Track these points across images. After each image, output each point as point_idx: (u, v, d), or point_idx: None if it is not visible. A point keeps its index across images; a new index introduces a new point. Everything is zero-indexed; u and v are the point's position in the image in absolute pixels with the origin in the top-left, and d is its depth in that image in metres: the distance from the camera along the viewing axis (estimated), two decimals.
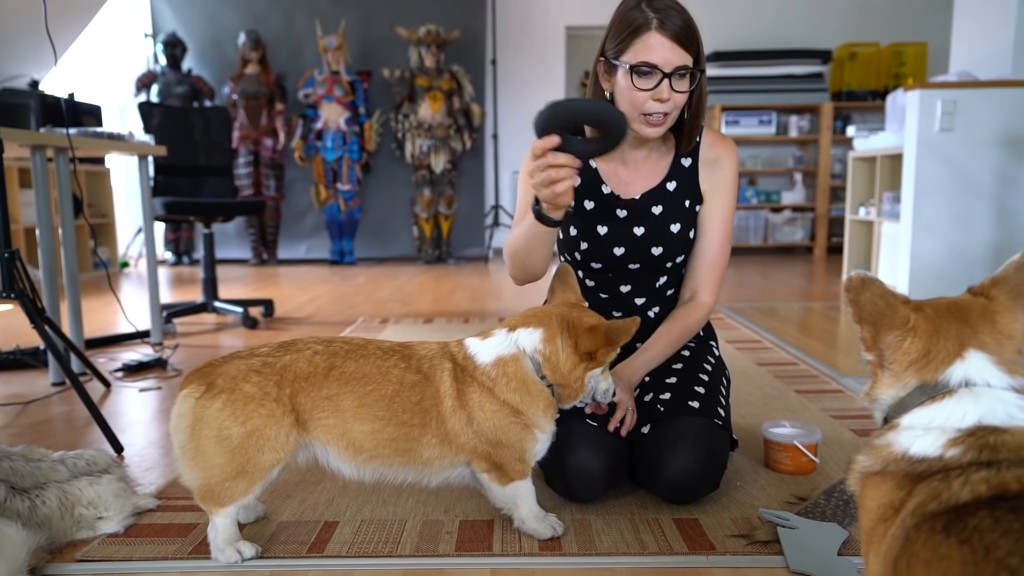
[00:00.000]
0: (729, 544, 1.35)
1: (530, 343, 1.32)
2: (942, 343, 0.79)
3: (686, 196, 1.60)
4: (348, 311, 4.09)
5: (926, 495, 0.71)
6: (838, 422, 2.05)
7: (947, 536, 0.66)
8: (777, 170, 6.90)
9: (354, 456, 1.30)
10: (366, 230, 6.71)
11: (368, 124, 6.44)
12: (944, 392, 0.78)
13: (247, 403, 1.24)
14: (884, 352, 0.82)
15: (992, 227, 4.03)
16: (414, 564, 1.31)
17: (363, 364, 1.30)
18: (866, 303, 0.80)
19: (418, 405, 1.29)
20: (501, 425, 1.30)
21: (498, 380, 1.31)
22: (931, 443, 0.75)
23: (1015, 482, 0.67)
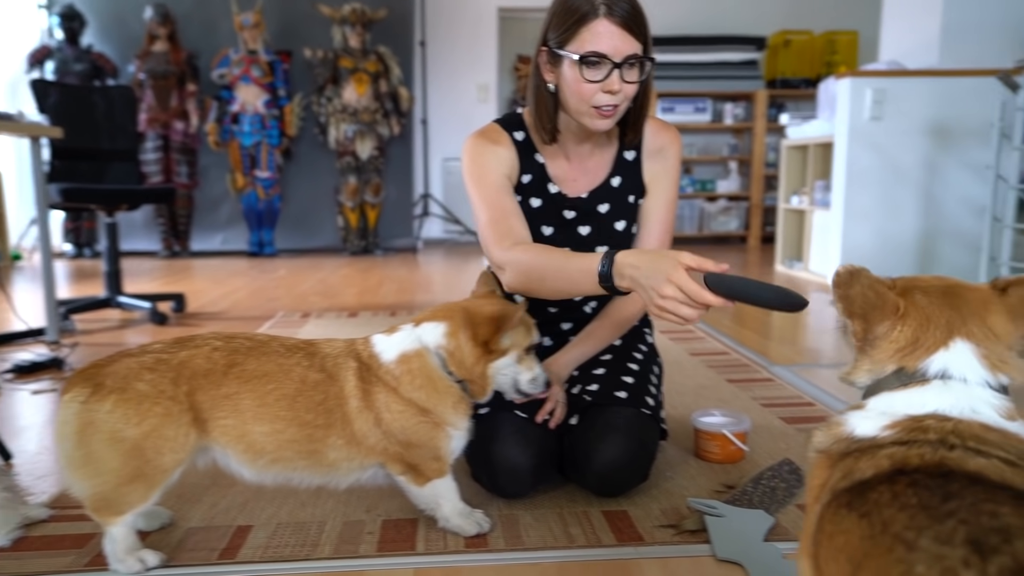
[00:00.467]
0: (657, 535, 1.34)
1: (433, 338, 1.29)
2: (931, 331, 0.77)
3: (630, 191, 1.55)
4: (267, 305, 3.91)
5: (841, 471, 0.72)
6: (768, 410, 2.04)
7: (849, 511, 0.66)
8: (712, 158, 6.89)
9: (254, 459, 1.25)
10: (287, 220, 6.38)
11: (288, 107, 6.11)
12: (919, 380, 0.76)
13: (141, 402, 1.17)
14: (873, 343, 0.80)
15: (919, 215, 4.07)
16: (333, 567, 1.26)
17: (264, 362, 1.25)
18: (857, 297, 0.79)
19: (321, 405, 1.25)
20: (409, 425, 1.27)
21: (402, 378, 1.27)
22: (873, 425, 0.74)
23: (916, 458, 0.67)
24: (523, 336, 1.32)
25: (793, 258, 4.97)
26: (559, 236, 1.53)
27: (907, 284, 0.80)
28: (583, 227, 1.55)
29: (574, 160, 1.54)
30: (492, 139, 1.51)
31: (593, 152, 1.54)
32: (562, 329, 1.65)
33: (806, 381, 2.32)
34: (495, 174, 1.48)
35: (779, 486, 1.48)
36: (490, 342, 1.28)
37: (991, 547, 0.55)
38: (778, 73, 6.85)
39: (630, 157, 1.55)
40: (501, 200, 1.46)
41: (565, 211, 1.54)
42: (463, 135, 6.86)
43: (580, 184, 1.54)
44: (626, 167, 1.55)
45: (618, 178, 1.55)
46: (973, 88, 3.91)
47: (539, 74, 1.45)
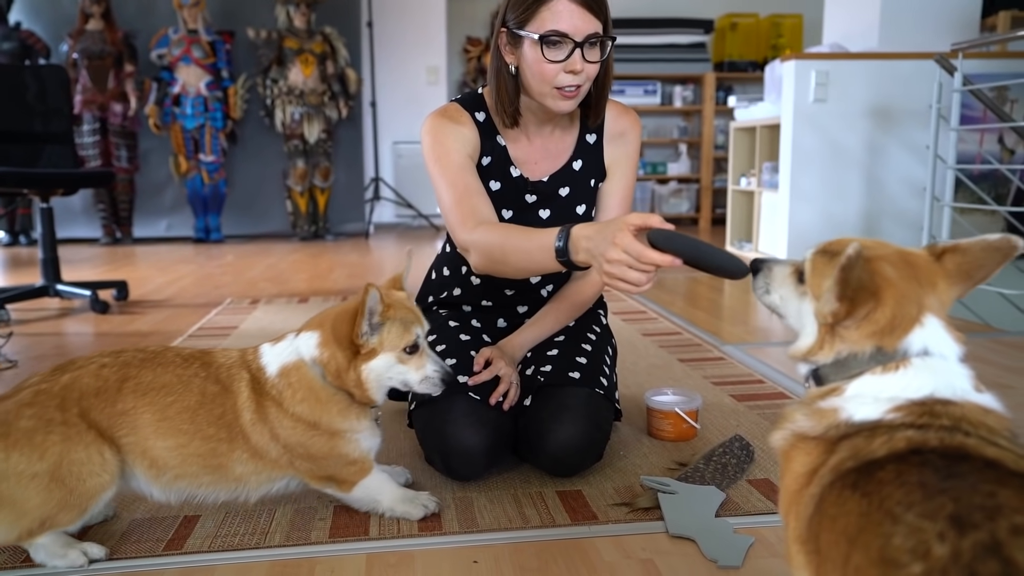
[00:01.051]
0: (611, 513, 1.34)
1: (308, 349, 1.26)
2: (905, 307, 0.74)
3: (591, 175, 1.55)
4: (214, 292, 3.82)
5: (847, 452, 0.69)
6: (719, 388, 2.07)
7: (854, 491, 0.64)
8: (663, 141, 6.95)
9: (158, 476, 1.21)
10: (234, 205, 6.23)
11: (232, 89, 5.94)
12: (900, 361, 0.74)
13: (32, 436, 1.13)
14: (848, 323, 0.76)
15: (862, 195, 4.17)
16: (284, 554, 1.23)
17: (161, 373, 1.21)
18: (855, 281, 0.74)
19: (221, 419, 1.22)
20: (304, 439, 1.24)
21: (284, 392, 1.24)
22: (874, 409, 0.71)
23: (936, 440, 0.65)
24: (396, 335, 1.23)
25: (743, 239, 5.05)
26: (519, 219, 1.51)
27: (870, 254, 0.76)
28: (543, 210, 1.53)
29: (536, 142, 1.52)
30: (453, 118, 1.48)
31: (555, 134, 1.52)
32: (518, 312, 1.64)
33: (756, 359, 2.36)
34: (457, 153, 1.44)
35: (730, 462, 1.50)
36: (354, 341, 1.22)
37: (972, 523, 0.54)
38: (725, 56, 6.92)
39: (591, 140, 1.54)
40: (464, 179, 1.43)
41: (527, 195, 1.52)
42: (413, 118, 6.78)
43: (541, 167, 1.53)
44: (588, 150, 1.54)
45: (580, 161, 1.54)
46: (912, 71, 4.01)
47: (499, 56, 1.42)
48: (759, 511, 1.34)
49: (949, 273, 0.76)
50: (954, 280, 0.77)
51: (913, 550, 0.54)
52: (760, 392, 2.03)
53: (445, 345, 1.53)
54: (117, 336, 2.86)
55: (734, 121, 5.09)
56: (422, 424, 1.48)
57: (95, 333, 2.94)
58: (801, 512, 0.71)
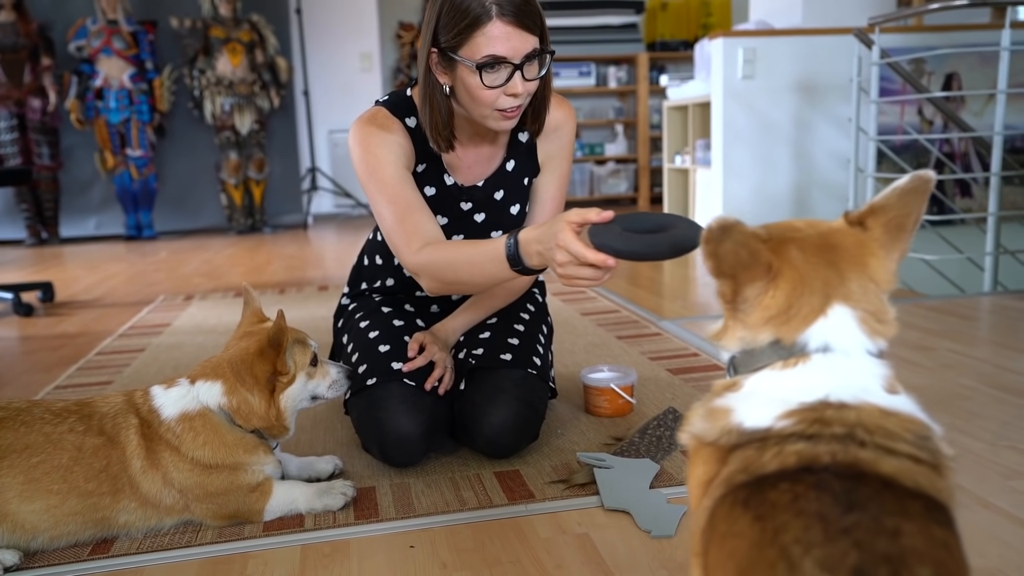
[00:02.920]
0: (548, 491, 1.35)
1: (212, 398, 1.24)
2: (806, 296, 0.68)
3: (525, 174, 1.54)
4: (146, 290, 3.73)
5: (737, 464, 0.64)
6: (655, 363, 2.10)
7: (745, 510, 0.59)
8: (599, 122, 6.99)
9: (28, 538, 1.16)
10: (166, 200, 6.05)
11: (158, 81, 5.75)
12: (799, 355, 0.68)
13: None
14: (741, 306, 0.71)
15: (791, 169, 4.28)
16: (215, 551, 1.21)
17: (25, 433, 1.16)
18: (727, 255, 0.68)
19: (104, 472, 1.17)
20: (204, 481, 1.22)
21: (183, 436, 1.21)
22: (765, 415, 0.66)
23: (827, 455, 0.59)
24: (301, 354, 1.28)
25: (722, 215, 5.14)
26: (454, 225, 1.50)
27: (782, 235, 0.71)
28: (478, 214, 1.53)
29: (468, 148, 1.49)
30: (383, 126, 1.41)
31: (488, 135, 1.49)
32: (451, 298, 1.63)
33: (691, 333, 2.40)
34: (392, 165, 1.38)
35: (664, 434, 1.53)
36: (275, 374, 1.24)
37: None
38: (657, 36, 6.99)
39: (524, 138, 1.52)
40: (404, 195, 1.37)
41: (462, 202, 1.51)
42: (348, 106, 6.67)
43: (475, 172, 1.51)
44: (520, 149, 1.52)
45: (512, 162, 1.52)
46: (834, 46, 4.12)
47: (430, 76, 1.34)
48: None
49: (879, 238, 0.70)
50: (889, 241, 0.70)
51: None
52: (695, 365, 2.07)
53: (378, 331, 1.52)
54: (43, 339, 2.76)
55: (667, 100, 5.15)
56: (358, 413, 1.47)
57: (20, 337, 2.83)
58: (696, 523, 0.68)
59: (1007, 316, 2.52)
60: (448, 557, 1.15)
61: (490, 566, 1.12)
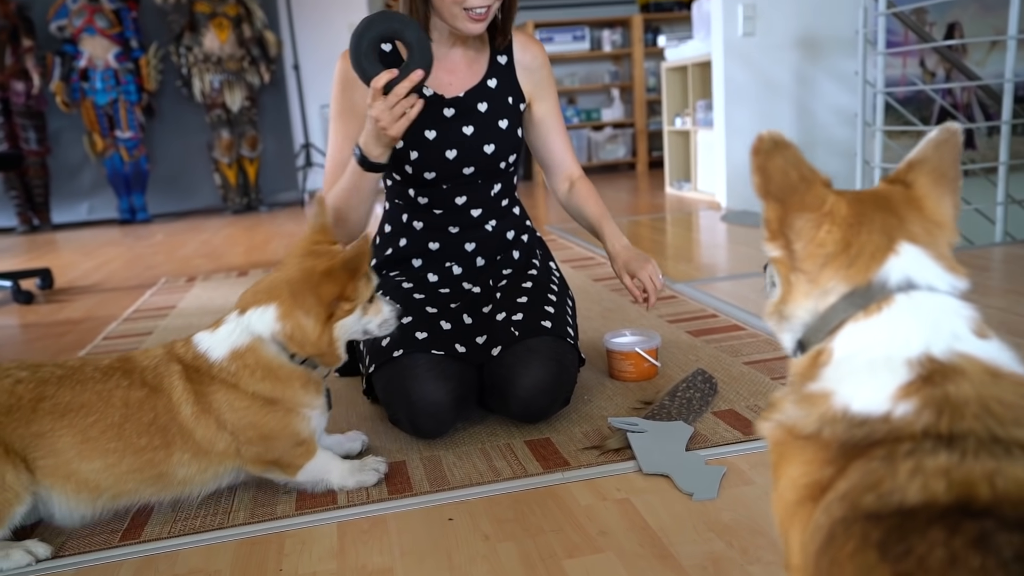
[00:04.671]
0: (582, 457, 1.33)
1: (264, 325, 1.19)
2: (866, 234, 0.61)
3: (508, 93, 1.58)
4: (146, 273, 3.67)
5: (861, 480, 0.53)
6: (674, 326, 2.08)
7: (882, 557, 0.48)
8: (595, 87, 6.89)
9: (93, 499, 1.15)
10: (159, 182, 5.96)
11: (144, 59, 5.63)
12: (881, 299, 0.59)
13: None
14: (794, 243, 0.63)
15: (794, 126, 4.22)
16: (250, 532, 1.18)
17: (80, 392, 1.14)
18: (775, 172, 0.62)
19: (153, 424, 1.15)
20: (259, 419, 1.19)
21: (240, 374, 1.18)
22: (876, 394, 0.56)
23: (985, 483, 0.48)
24: (365, 285, 1.23)
25: (682, 179, 5.08)
26: (442, 137, 1.51)
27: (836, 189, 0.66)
28: (466, 127, 1.53)
29: (446, 64, 1.54)
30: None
31: (466, 54, 1.55)
32: (467, 251, 1.60)
33: (706, 294, 2.37)
34: (352, 116, 1.52)
35: (694, 396, 1.51)
36: (346, 291, 1.19)
37: None
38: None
39: (503, 61, 1.58)
40: (345, 150, 1.51)
41: (444, 109, 1.52)
42: None
43: (455, 86, 1.54)
44: (501, 70, 1.58)
45: (494, 80, 1.56)
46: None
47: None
48: (727, 441, 1.35)
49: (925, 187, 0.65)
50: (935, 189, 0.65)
51: None
52: (715, 326, 2.04)
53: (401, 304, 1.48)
54: (46, 326, 2.72)
55: (665, 61, 5.07)
56: (384, 384, 1.44)
57: (21, 325, 2.78)
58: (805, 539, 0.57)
59: (1021, 265, 2.49)
60: (489, 528, 1.13)
61: (533, 536, 1.10)
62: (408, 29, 1.30)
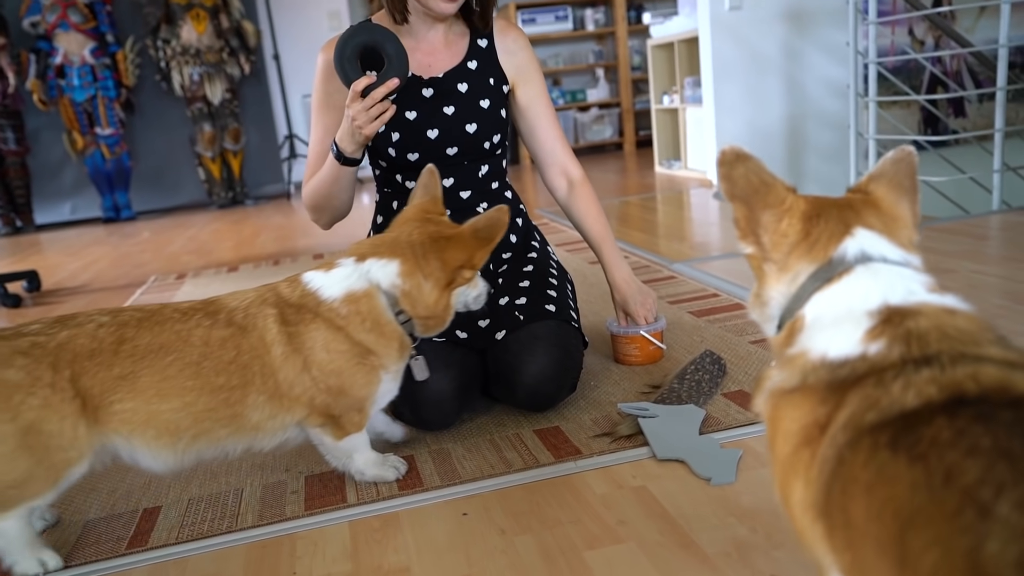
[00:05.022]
0: (594, 445, 1.31)
1: (386, 277, 1.18)
2: (823, 223, 0.70)
3: (489, 74, 1.56)
4: (135, 272, 3.62)
5: (860, 404, 0.58)
6: (677, 307, 2.06)
7: (894, 452, 0.52)
8: (579, 67, 6.84)
9: (173, 441, 1.12)
10: (142, 178, 5.88)
11: (121, 54, 5.53)
12: (841, 270, 0.67)
13: (12, 393, 1.03)
14: (761, 237, 0.72)
15: (783, 101, 4.19)
16: (260, 535, 1.15)
17: (159, 332, 1.12)
18: (739, 179, 0.72)
19: (234, 363, 1.13)
20: (348, 367, 1.17)
21: (351, 319, 1.16)
22: (847, 339, 0.63)
23: (971, 381, 0.54)
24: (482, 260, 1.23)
25: (671, 158, 5.05)
26: (423, 117, 1.49)
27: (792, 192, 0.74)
28: (447, 107, 1.51)
29: (425, 45, 1.53)
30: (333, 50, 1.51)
31: (446, 38, 1.54)
32: None
33: (707, 274, 2.35)
34: (331, 108, 1.52)
35: (703, 378, 1.48)
36: (474, 259, 1.19)
37: None
38: None
39: (483, 44, 1.56)
40: (325, 143, 1.52)
41: (423, 89, 1.51)
42: None
43: (434, 67, 1.54)
44: (481, 53, 1.56)
45: (475, 62, 1.55)
46: None
47: None
48: (740, 423, 1.33)
49: (884, 194, 0.73)
50: (894, 196, 0.73)
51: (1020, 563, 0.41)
52: (718, 306, 2.02)
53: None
54: None
55: (651, 38, 5.02)
56: None
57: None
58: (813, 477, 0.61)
59: (1021, 232, 2.48)
60: (505, 522, 1.10)
61: (551, 527, 1.07)
62: (388, 42, 1.36)
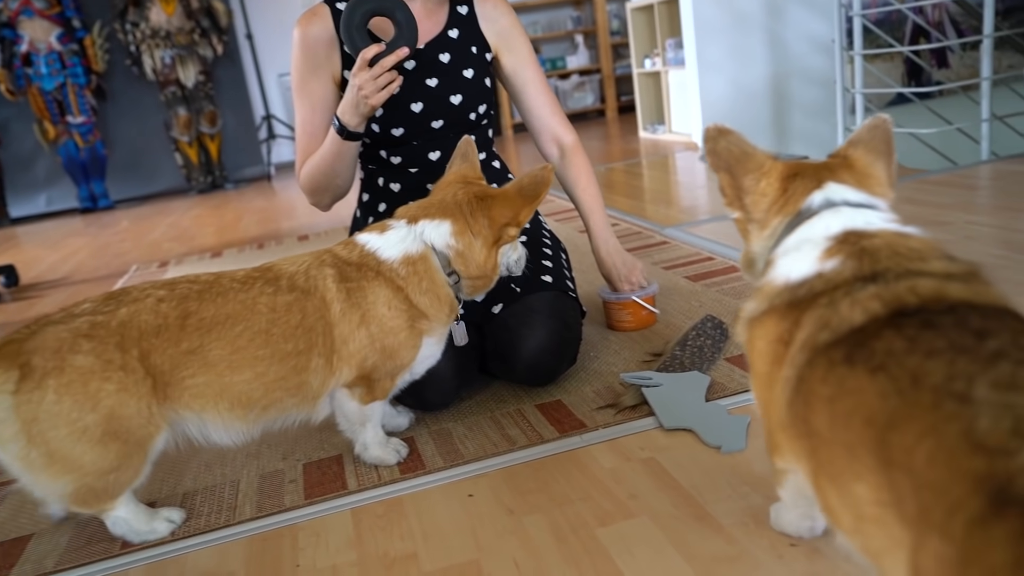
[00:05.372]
0: (598, 417, 1.28)
1: (440, 238, 1.18)
2: (799, 181, 0.79)
3: (471, 43, 1.52)
4: (116, 261, 3.56)
5: (814, 324, 0.64)
6: (671, 272, 2.03)
7: (851, 367, 0.57)
8: (558, 34, 6.73)
9: (245, 413, 1.11)
10: (118, 166, 5.76)
11: (89, 39, 5.38)
12: (808, 215, 0.76)
13: (87, 381, 1.00)
14: (745, 200, 0.81)
15: (767, 59, 4.13)
16: (260, 527, 1.12)
17: (223, 303, 1.10)
18: (722, 151, 0.81)
19: (300, 326, 1.12)
20: (403, 327, 1.16)
21: (409, 279, 1.16)
22: (806, 260, 0.71)
23: (910, 294, 0.60)
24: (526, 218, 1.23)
25: (655, 122, 4.99)
26: (407, 91, 1.45)
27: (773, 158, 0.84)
28: (429, 79, 1.47)
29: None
30: (312, 22, 1.46)
31: (425, 7, 1.49)
32: None
33: (700, 237, 2.32)
34: (316, 81, 1.46)
35: (705, 344, 1.46)
36: (519, 216, 1.19)
37: None
38: None
39: (464, 11, 1.53)
40: (314, 120, 1.47)
41: (405, 61, 1.46)
42: None
43: None
44: (461, 20, 1.52)
45: (455, 30, 1.51)
46: None
47: None
48: (746, 388, 1.30)
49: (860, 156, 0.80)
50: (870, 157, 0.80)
51: (1016, 431, 0.44)
52: (713, 269, 1.99)
53: None
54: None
55: (630, 1, 4.93)
56: None
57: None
58: (777, 397, 0.68)
59: (1012, 182, 2.46)
60: (512, 501, 1.07)
61: (560, 505, 1.05)
62: (398, 9, 1.31)
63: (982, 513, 0.42)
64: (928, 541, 0.45)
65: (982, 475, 0.43)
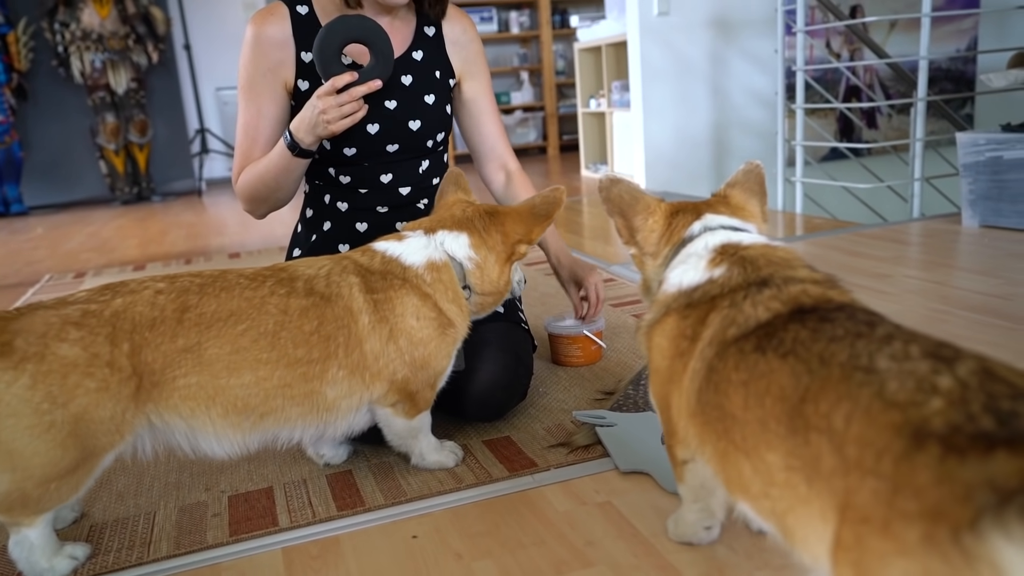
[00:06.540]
0: (550, 457, 1.23)
1: (460, 248, 1.15)
2: (681, 216, 0.91)
3: (435, 67, 1.47)
4: (27, 270, 3.34)
5: (720, 323, 0.74)
6: (619, 310, 2.02)
7: (762, 354, 0.67)
8: (504, 70, 6.77)
9: (240, 420, 1.02)
10: (35, 171, 5.45)
11: (12, 36, 5.11)
12: (690, 239, 0.88)
13: (68, 373, 0.92)
14: (637, 237, 0.92)
15: (709, 107, 4.23)
16: (177, 567, 1.01)
17: (227, 299, 1.03)
18: (615, 197, 0.92)
19: (316, 334, 1.05)
20: (434, 337, 1.11)
21: (436, 286, 1.12)
22: (695, 269, 0.83)
23: (804, 296, 0.72)
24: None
25: (598, 161, 5.04)
26: (367, 115, 1.37)
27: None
28: (389, 101, 1.41)
29: None
30: (268, 21, 1.39)
31: (392, 26, 1.43)
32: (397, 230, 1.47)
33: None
34: (265, 85, 1.38)
35: None
36: (532, 234, 1.17)
37: (947, 358, 0.56)
38: None
39: (430, 33, 1.47)
40: (259, 125, 1.39)
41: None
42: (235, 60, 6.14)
43: None
44: (427, 42, 1.46)
45: (420, 52, 1.45)
46: None
47: None
48: None
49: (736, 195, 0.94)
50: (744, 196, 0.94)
51: (919, 388, 0.53)
52: None
53: None
54: None
55: (577, 42, 5.00)
56: None
57: None
58: (686, 388, 0.76)
59: (943, 240, 2.54)
60: (460, 545, 1.00)
61: (512, 551, 0.98)
62: (379, 39, 1.27)
63: (906, 450, 0.50)
64: (865, 482, 0.52)
65: (899, 424, 0.52)
